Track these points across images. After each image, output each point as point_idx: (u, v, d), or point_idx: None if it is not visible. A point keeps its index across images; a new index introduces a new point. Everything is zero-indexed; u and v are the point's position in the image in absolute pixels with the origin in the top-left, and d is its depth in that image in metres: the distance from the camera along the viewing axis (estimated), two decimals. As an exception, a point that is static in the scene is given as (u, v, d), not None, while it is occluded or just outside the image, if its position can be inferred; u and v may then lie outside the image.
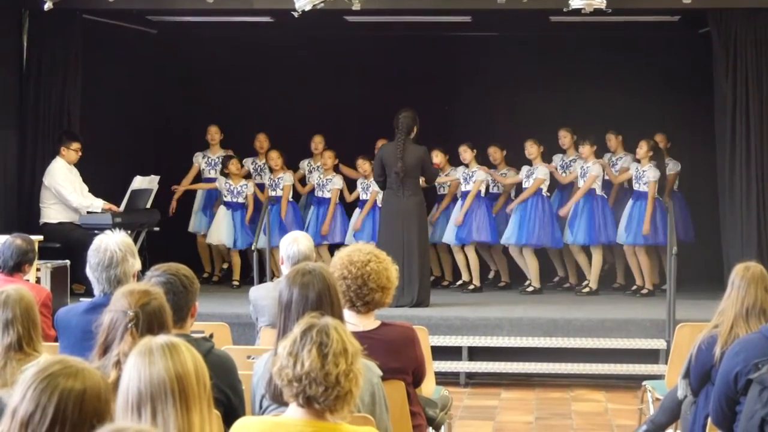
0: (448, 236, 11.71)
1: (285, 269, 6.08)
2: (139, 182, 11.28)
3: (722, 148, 10.98)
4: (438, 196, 12.19)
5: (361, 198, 12.09)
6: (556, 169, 11.89)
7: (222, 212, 12.13)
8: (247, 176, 12.44)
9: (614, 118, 12.29)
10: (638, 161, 11.43)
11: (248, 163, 12.50)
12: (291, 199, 12.17)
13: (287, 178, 12.11)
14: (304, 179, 12.49)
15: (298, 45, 13.27)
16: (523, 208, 11.58)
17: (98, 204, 10.85)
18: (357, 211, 12.07)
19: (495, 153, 12.02)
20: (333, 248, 11.20)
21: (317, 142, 12.31)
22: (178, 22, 13.04)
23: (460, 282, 11.88)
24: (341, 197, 12.19)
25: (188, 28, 13.34)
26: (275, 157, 12.08)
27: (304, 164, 12.50)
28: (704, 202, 11.96)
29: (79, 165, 11.06)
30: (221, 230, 12.10)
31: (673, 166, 11.85)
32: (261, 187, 12.31)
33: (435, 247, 12.12)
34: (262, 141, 12.46)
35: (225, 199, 12.16)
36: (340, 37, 13.22)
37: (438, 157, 11.87)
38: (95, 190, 11.07)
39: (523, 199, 11.54)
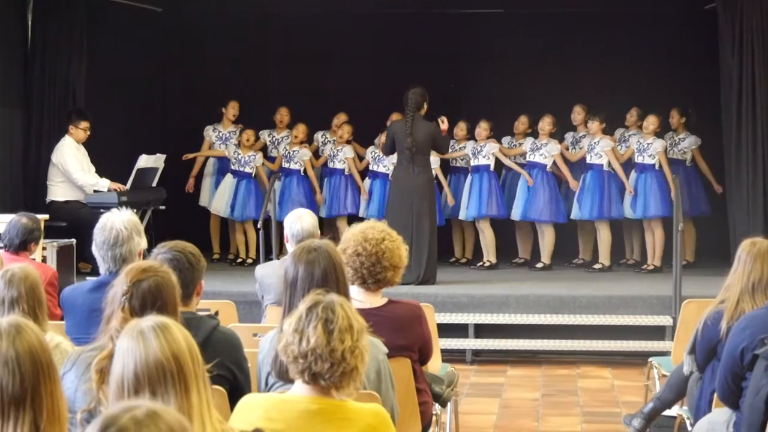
0: (461, 213, 11.71)
1: (290, 247, 6.07)
2: (145, 161, 11.27)
3: (728, 123, 10.94)
4: (451, 168, 12.17)
5: (371, 168, 12.07)
6: (567, 148, 11.87)
7: (228, 181, 12.12)
8: (263, 149, 12.36)
9: (621, 94, 12.24)
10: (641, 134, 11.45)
11: (265, 135, 12.40)
12: (303, 174, 12.12)
13: (305, 153, 12.05)
14: (317, 152, 12.46)
15: (306, 22, 13.21)
16: (525, 183, 11.57)
17: (104, 183, 10.85)
18: (367, 180, 12.06)
19: (520, 126, 12.02)
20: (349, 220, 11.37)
21: (341, 119, 12.26)
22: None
23: (480, 263, 11.78)
24: None
25: (194, 5, 13.30)
26: (302, 130, 11.99)
27: (318, 136, 12.46)
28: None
29: (85, 143, 11.05)
30: (223, 199, 12.09)
31: (694, 141, 11.76)
32: (272, 160, 12.29)
33: (461, 224, 12.14)
34: (283, 114, 12.33)
35: (232, 167, 12.14)
36: (349, 13, 13.16)
37: (462, 130, 11.84)
38: (101, 169, 11.06)
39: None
